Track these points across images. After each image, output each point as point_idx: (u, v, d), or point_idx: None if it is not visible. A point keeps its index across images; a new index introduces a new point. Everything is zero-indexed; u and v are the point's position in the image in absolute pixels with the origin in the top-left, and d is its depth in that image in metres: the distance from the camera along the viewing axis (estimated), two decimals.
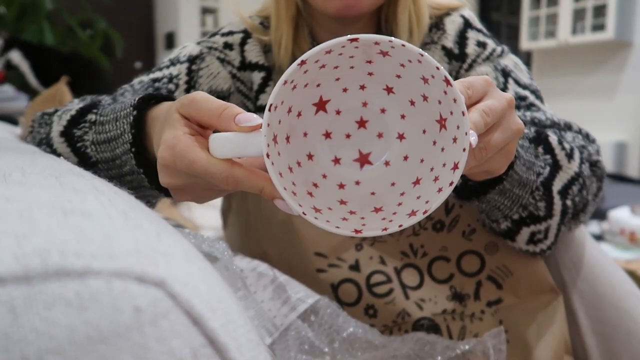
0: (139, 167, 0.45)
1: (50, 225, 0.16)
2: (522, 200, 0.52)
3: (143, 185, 0.47)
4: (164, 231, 0.19)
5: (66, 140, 0.51)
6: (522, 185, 0.51)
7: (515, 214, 0.54)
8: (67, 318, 0.14)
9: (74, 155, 0.50)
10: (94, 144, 0.49)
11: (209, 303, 0.18)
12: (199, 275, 0.18)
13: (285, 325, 0.52)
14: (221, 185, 0.35)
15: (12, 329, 0.14)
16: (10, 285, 0.14)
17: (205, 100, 0.36)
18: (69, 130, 0.51)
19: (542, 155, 0.54)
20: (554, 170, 0.53)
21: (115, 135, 0.47)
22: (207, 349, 0.17)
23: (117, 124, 0.46)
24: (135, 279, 0.16)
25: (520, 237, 0.57)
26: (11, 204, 0.16)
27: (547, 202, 0.53)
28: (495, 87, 0.38)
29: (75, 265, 0.15)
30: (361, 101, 0.37)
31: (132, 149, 0.44)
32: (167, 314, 0.16)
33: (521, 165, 0.49)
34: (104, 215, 0.18)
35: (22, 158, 0.21)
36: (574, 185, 0.54)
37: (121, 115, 0.46)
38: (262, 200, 0.64)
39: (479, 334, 0.59)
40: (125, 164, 0.47)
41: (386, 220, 0.35)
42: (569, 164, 0.54)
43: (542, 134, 0.54)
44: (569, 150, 0.55)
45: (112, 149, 0.47)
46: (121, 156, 0.47)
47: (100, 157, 0.49)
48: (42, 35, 2.40)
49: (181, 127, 0.36)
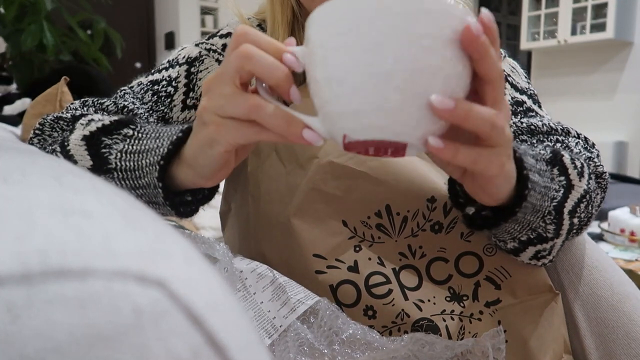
0: (159, 181, 0.47)
1: (50, 225, 0.16)
2: (533, 224, 0.52)
3: (155, 201, 0.48)
4: (164, 231, 0.19)
5: (87, 144, 0.52)
6: (535, 212, 0.50)
7: (524, 236, 0.53)
8: (67, 318, 0.14)
9: (90, 158, 0.51)
10: (121, 152, 0.50)
11: (209, 303, 0.18)
12: (199, 275, 0.19)
13: (284, 327, 0.52)
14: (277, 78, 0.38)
15: (11, 329, 0.14)
16: (10, 285, 0.14)
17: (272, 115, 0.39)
18: (96, 136, 0.52)
19: (557, 177, 0.53)
20: (567, 192, 0.52)
21: (148, 148, 0.48)
22: (207, 348, 0.17)
23: (157, 141, 0.48)
24: (135, 278, 0.16)
25: (525, 255, 0.57)
26: (11, 204, 0.16)
27: (557, 225, 0.53)
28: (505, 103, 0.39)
29: (75, 265, 0.15)
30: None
31: (160, 162, 0.46)
32: (167, 313, 0.16)
33: (536, 195, 0.48)
34: (104, 215, 0.18)
35: (22, 158, 0.21)
36: (582, 203, 0.54)
37: (164, 134, 0.48)
38: (261, 202, 0.64)
39: (477, 334, 0.59)
40: (145, 176, 0.48)
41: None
42: (580, 182, 0.53)
43: (558, 155, 0.53)
44: (580, 167, 0.54)
45: (138, 160, 0.49)
46: (144, 167, 0.48)
47: (121, 165, 0.50)
48: (42, 35, 2.40)
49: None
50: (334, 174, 0.60)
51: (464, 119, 0.35)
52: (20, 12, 2.48)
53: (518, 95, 0.65)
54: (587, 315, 0.62)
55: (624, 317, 0.60)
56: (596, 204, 0.58)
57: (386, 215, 0.60)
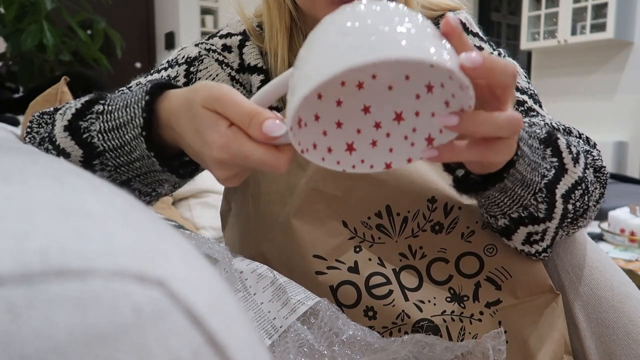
0: (149, 151, 0.46)
1: (50, 225, 0.16)
2: (524, 200, 0.52)
3: (153, 169, 0.48)
4: (164, 231, 0.19)
5: (70, 133, 0.51)
6: (525, 186, 0.50)
7: (515, 212, 0.54)
8: (67, 318, 0.14)
9: (78, 147, 0.50)
10: (101, 132, 0.49)
11: (209, 303, 0.18)
12: (199, 275, 0.19)
13: (284, 327, 0.52)
14: (272, 169, 0.38)
15: (11, 329, 0.14)
16: (10, 285, 0.14)
17: (231, 102, 0.37)
18: (73, 123, 0.51)
19: (549, 158, 0.53)
20: (560, 174, 0.53)
21: (124, 121, 0.47)
22: (207, 348, 0.17)
23: (127, 110, 0.47)
24: (135, 278, 0.16)
25: (517, 237, 0.56)
26: (11, 204, 0.16)
27: (549, 205, 0.53)
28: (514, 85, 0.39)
29: (75, 265, 0.15)
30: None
31: (142, 133, 0.45)
32: (167, 313, 0.16)
33: (525, 165, 0.48)
34: (104, 215, 0.18)
35: (22, 158, 0.21)
36: (576, 190, 0.54)
37: (132, 102, 0.47)
38: (261, 202, 0.64)
39: (478, 335, 0.59)
40: (135, 150, 0.47)
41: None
42: (575, 167, 0.54)
43: (553, 137, 0.54)
44: (576, 154, 0.54)
45: (120, 136, 0.48)
46: (130, 142, 0.47)
47: (107, 146, 0.49)
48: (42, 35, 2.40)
49: (218, 122, 0.38)
50: (334, 174, 0.60)
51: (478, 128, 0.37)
52: (20, 12, 2.47)
53: (519, 95, 0.65)
54: (587, 315, 0.62)
55: (624, 317, 0.60)
56: (594, 198, 0.58)
57: (386, 216, 0.60)
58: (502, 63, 0.36)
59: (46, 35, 2.42)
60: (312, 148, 0.39)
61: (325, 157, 0.40)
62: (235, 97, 0.38)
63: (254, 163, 0.37)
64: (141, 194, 0.53)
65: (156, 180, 0.51)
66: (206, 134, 0.38)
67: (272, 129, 0.36)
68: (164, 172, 0.48)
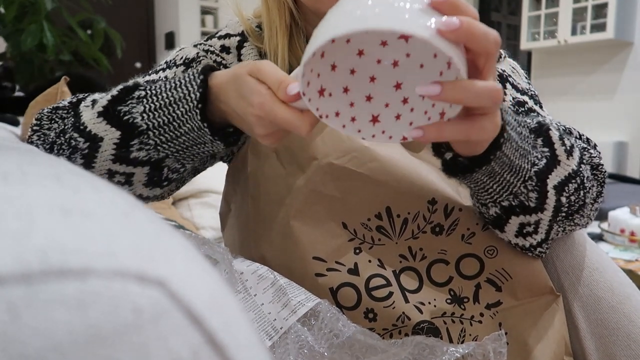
0: (203, 122, 0.51)
1: (50, 225, 0.16)
2: (513, 187, 0.52)
3: (200, 141, 0.53)
4: (164, 231, 0.19)
5: (106, 118, 0.54)
6: (514, 172, 0.50)
7: (505, 200, 0.53)
8: (67, 317, 0.14)
9: (116, 129, 0.54)
10: (145, 112, 0.53)
11: (208, 302, 0.18)
12: (199, 275, 0.19)
13: (285, 329, 0.52)
14: (296, 130, 0.44)
15: (11, 328, 0.14)
16: (10, 285, 0.14)
17: (269, 71, 0.45)
18: (110, 108, 0.54)
19: (540, 147, 0.53)
20: (551, 164, 0.53)
21: (176, 99, 0.52)
22: (207, 348, 0.17)
23: (177, 90, 0.52)
24: (135, 278, 0.16)
25: (509, 227, 0.56)
26: (11, 203, 0.16)
27: (540, 194, 0.53)
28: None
29: (75, 265, 0.15)
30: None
31: (198, 106, 0.51)
32: (166, 313, 0.16)
33: (512, 150, 0.48)
34: (104, 215, 0.18)
35: (22, 158, 0.21)
36: (570, 183, 0.54)
37: (182, 83, 0.52)
38: (260, 203, 0.63)
39: (478, 337, 0.59)
40: (185, 123, 0.52)
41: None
42: (568, 160, 0.54)
43: (544, 127, 0.54)
44: (569, 147, 0.54)
45: (170, 112, 0.53)
46: (182, 116, 0.52)
47: (152, 124, 0.53)
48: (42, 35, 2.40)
49: (259, 86, 0.46)
50: (333, 175, 0.60)
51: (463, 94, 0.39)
52: (20, 12, 2.47)
53: (519, 96, 0.65)
54: (587, 316, 0.62)
55: (624, 318, 0.60)
56: (591, 195, 0.58)
57: (386, 217, 0.60)
58: (483, 27, 0.38)
59: (46, 35, 2.42)
60: (334, 116, 0.44)
61: (347, 125, 0.45)
62: (272, 67, 0.46)
63: (282, 122, 0.44)
64: (170, 170, 0.57)
65: (194, 154, 0.55)
66: (249, 96, 0.46)
67: (290, 89, 0.43)
68: (213, 141, 0.53)
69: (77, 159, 0.55)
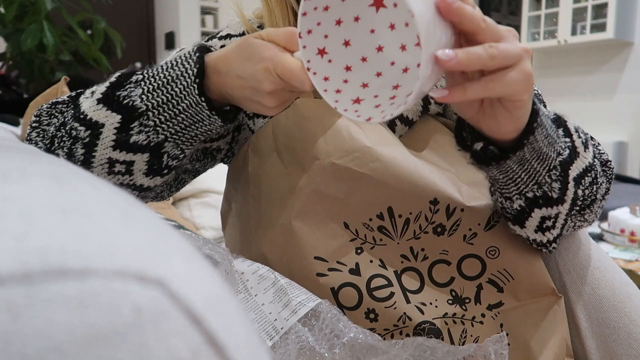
0: (200, 97, 0.52)
1: (50, 225, 0.16)
2: (539, 176, 0.52)
3: (197, 119, 0.54)
4: (164, 231, 0.19)
5: (105, 104, 0.55)
6: (542, 160, 0.51)
7: (530, 191, 0.53)
8: (67, 317, 0.14)
9: (116, 113, 0.54)
10: (144, 94, 0.54)
11: (208, 302, 0.18)
12: (199, 275, 0.18)
13: (285, 329, 0.52)
14: (299, 83, 0.46)
15: (11, 328, 0.14)
16: (10, 285, 0.14)
17: (276, 30, 0.48)
18: (110, 94, 0.55)
19: (562, 137, 0.54)
20: (573, 155, 0.54)
21: (174, 77, 0.53)
22: (206, 348, 0.17)
23: (174, 69, 0.53)
24: (135, 278, 0.16)
25: (530, 222, 0.56)
26: (11, 203, 0.16)
27: (562, 185, 0.53)
28: (516, 38, 0.43)
29: (75, 265, 0.15)
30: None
31: (195, 80, 0.52)
32: (166, 313, 0.16)
33: (543, 137, 0.49)
34: (103, 215, 0.18)
35: (22, 158, 0.21)
36: (586, 176, 0.54)
37: (178, 62, 0.53)
38: (262, 203, 0.63)
39: (479, 338, 0.59)
40: (184, 99, 0.53)
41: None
42: (585, 152, 0.54)
43: (562, 118, 0.55)
44: (585, 140, 0.55)
45: (168, 91, 0.53)
46: (180, 93, 0.53)
47: (152, 103, 0.53)
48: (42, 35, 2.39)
49: (269, 43, 0.48)
50: (335, 175, 0.60)
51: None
52: (20, 12, 2.47)
53: None
54: (588, 315, 0.62)
55: (625, 317, 0.60)
56: (602, 191, 0.58)
57: (388, 218, 0.60)
58: (470, 2, 0.40)
59: (46, 35, 2.42)
60: (323, 79, 0.46)
61: (328, 90, 0.46)
62: (278, 29, 0.48)
63: (289, 73, 0.46)
64: (169, 157, 0.57)
65: (192, 136, 0.56)
66: (259, 53, 0.48)
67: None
68: (211, 116, 0.53)
69: (78, 149, 0.55)
